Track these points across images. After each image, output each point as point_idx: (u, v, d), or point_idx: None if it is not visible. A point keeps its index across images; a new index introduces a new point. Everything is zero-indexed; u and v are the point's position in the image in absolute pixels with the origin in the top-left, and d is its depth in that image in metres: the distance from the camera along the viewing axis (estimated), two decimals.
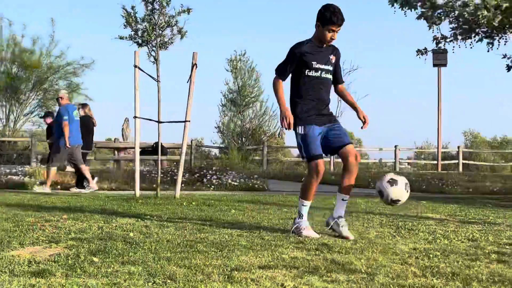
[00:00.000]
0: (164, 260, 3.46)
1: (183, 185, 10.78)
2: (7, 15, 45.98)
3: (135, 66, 8.48)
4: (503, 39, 14.63)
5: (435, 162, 25.13)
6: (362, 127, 4.99)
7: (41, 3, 64.99)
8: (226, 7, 72.06)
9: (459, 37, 14.50)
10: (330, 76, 4.85)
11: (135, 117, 8.49)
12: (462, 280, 3.08)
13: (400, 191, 4.65)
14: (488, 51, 14.77)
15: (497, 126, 76.72)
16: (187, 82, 8.56)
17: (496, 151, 33.86)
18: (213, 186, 11.93)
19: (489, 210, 7.58)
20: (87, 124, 11.61)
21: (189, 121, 8.53)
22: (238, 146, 24.88)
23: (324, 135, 4.74)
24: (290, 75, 4.85)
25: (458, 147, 26.83)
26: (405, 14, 13.99)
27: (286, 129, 4.69)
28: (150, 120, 8.67)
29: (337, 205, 4.83)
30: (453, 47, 14.97)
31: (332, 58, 4.87)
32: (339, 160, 6.28)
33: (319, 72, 4.76)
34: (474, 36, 14.55)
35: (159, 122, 8.65)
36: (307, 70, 4.73)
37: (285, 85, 4.90)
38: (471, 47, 14.73)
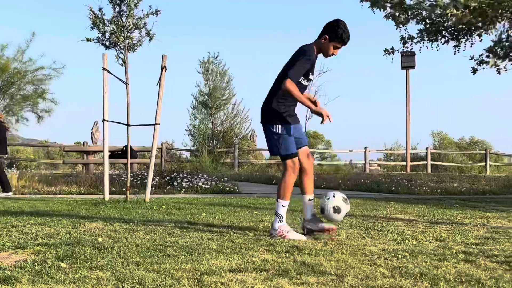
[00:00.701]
0: (133, 265, 3.42)
1: (153, 188, 10.72)
2: None
3: (104, 69, 8.39)
4: (469, 41, 14.88)
5: (404, 163, 25.44)
6: (321, 122, 5.02)
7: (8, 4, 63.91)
8: (196, 9, 71.85)
9: (426, 38, 14.70)
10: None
11: (103, 120, 8.40)
12: (430, 280, 3.12)
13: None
14: (454, 53, 15.02)
15: (464, 127, 78.06)
16: (157, 84, 8.51)
17: (464, 151, 34.44)
18: (183, 189, 11.87)
19: (457, 211, 7.69)
20: None
21: (159, 124, 8.48)
22: (209, 148, 24.79)
23: None
24: (279, 76, 4.80)
25: (427, 148, 27.17)
26: (373, 11, 14.05)
27: (330, 122, 4.66)
28: (119, 123, 8.58)
29: (305, 207, 4.94)
30: (420, 47, 15.18)
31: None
32: None
33: (309, 82, 4.86)
34: (441, 38, 14.78)
35: (128, 125, 8.56)
36: (302, 78, 4.73)
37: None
38: (437, 50, 14.96)
